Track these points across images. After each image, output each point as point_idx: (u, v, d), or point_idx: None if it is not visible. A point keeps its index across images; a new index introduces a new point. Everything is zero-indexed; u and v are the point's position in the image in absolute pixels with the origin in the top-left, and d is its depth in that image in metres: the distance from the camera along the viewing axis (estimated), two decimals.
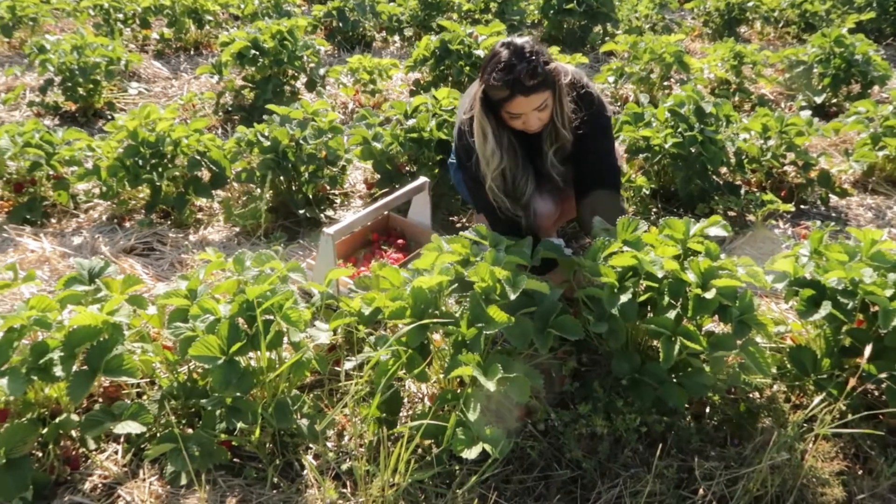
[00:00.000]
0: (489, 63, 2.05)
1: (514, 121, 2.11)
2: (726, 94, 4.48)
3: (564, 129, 2.17)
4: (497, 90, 2.02)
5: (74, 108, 4.34)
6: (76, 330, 1.80)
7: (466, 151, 2.27)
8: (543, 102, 2.06)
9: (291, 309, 1.83)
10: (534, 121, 2.10)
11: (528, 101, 2.03)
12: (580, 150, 2.28)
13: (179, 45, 5.54)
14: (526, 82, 1.98)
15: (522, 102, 2.03)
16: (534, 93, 2.01)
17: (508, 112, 2.08)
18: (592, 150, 2.28)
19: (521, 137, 2.22)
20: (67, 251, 2.81)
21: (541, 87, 2.01)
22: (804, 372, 1.98)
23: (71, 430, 1.90)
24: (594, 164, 2.29)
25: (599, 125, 2.25)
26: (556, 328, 1.81)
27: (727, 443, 1.89)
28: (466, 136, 2.25)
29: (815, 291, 1.96)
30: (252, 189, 3.19)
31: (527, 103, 2.03)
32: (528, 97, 2.02)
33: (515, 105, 2.04)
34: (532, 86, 1.99)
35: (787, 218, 3.23)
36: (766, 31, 6.26)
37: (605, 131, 2.30)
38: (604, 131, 2.29)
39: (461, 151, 2.32)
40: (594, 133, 2.24)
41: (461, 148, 2.31)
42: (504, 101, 2.04)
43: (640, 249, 1.94)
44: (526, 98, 2.02)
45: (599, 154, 2.30)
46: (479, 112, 2.11)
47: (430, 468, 1.73)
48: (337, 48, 5.69)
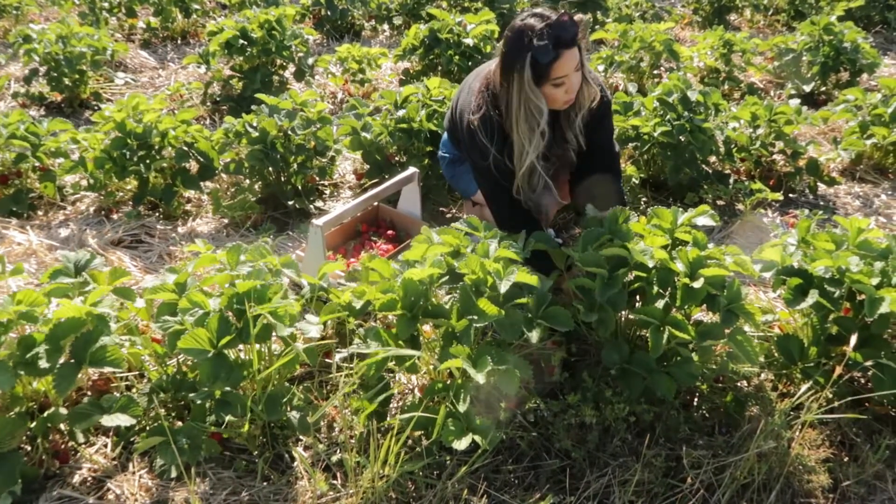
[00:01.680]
0: (523, 37, 2.02)
1: (558, 90, 2.08)
2: (716, 83, 4.48)
3: (592, 85, 2.18)
4: (545, 52, 1.99)
5: (60, 99, 4.29)
6: (61, 323, 1.79)
7: (482, 152, 2.20)
8: (579, 60, 2.06)
9: (280, 305, 1.82)
10: (575, 83, 2.09)
11: (572, 55, 2.02)
12: (588, 130, 2.29)
13: (166, 35, 5.48)
14: (568, 35, 1.99)
15: (568, 58, 2.02)
16: (575, 46, 2.02)
17: (555, 79, 2.05)
18: (601, 128, 2.31)
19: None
20: (54, 244, 2.79)
21: (577, 41, 2.03)
22: (791, 360, 2.00)
23: (60, 423, 1.89)
24: (603, 142, 2.33)
25: (604, 103, 2.27)
26: (547, 319, 1.82)
27: (715, 431, 1.90)
28: (479, 135, 2.19)
29: (803, 280, 1.97)
30: (241, 180, 3.17)
31: (571, 59, 2.03)
32: (571, 50, 2.02)
33: (563, 64, 2.02)
34: (573, 37, 2.00)
35: (775, 206, 3.24)
36: (755, 18, 6.25)
37: (609, 111, 2.34)
38: (608, 110, 2.32)
39: (475, 153, 2.25)
40: (600, 112, 2.26)
41: (474, 149, 2.24)
42: (552, 63, 2.01)
43: (630, 240, 1.95)
44: (570, 52, 2.01)
45: (607, 132, 2.34)
46: (531, 90, 2.06)
47: (421, 459, 1.74)
48: (326, 37, 5.64)
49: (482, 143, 2.19)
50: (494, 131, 2.17)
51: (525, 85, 2.06)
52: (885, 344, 1.95)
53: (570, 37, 2.00)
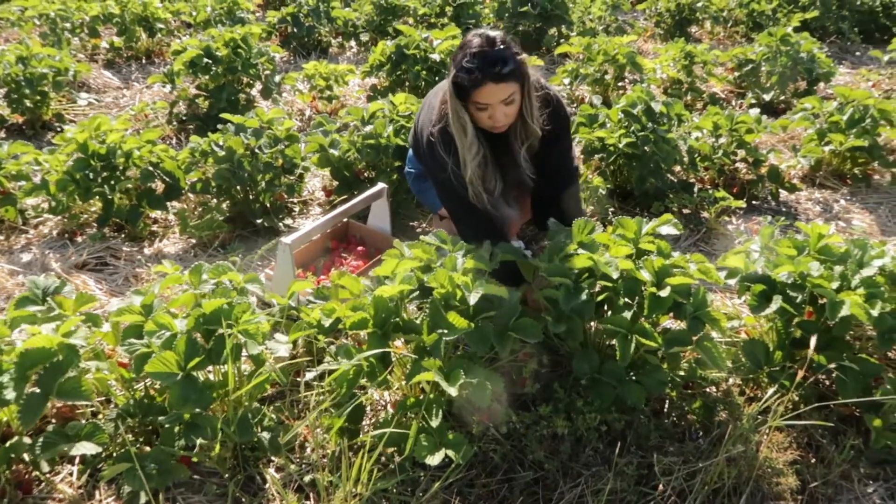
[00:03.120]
0: (460, 51, 2.04)
1: (481, 113, 2.08)
2: (678, 94, 4.57)
3: (534, 124, 2.17)
4: (468, 76, 1.99)
5: (22, 121, 4.21)
6: (29, 352, 1.75)
7: (441, 165, 2.21)
8: (511, 95, 2.03)
9: (248, 322, 1.81)
10: (500, 115, 2.07)
11: (498, 89, 2.00)
12: (544, 150, 2.30)
13: (130, 54, 5.43)
14: (496, 69, 1.97)
15: (492, 90, 2.00)
16: (504, 81, 1.99)
17: (476, 103, 2.05)
18: (556, 149, 2.31)
19: (487, 138, 2.21)
20: (16, 269, 2.73)
21: (510, 78, 2.00)
22: (757, 365, 2.03)
23: (23, 453, 1.85)
24: (559, 163, 2.34)
25: (560, 125, 2.28)
26: (517, 331, 1.82)
27: (685, 437, 1.92)
28: (438, 147, 2.20)
29: (766, 286, 2.01)
30: (208, 199, 3.14)
31: (496, 92, 2.01)
32: (498, 85, 1.99)
33: (485, 93, 2.01)
34: (502, 73, 1.97)
35: (739, 214, 3.30)
36: (715, 30, 6.40)
37: (566, 130, 2.36)
38: (565, 130, 2.34)
39: (434, 166, 2.26)
40: (554, 132, 2.27)
41: (434, 162, 2.24)
42: (473, 88, 2.00)
43: (595, 251, 1.97)
44: (496, 86, 1.99)
45: (563, 152, 2.35)
46: (454, 102, 2.08)
47: (394, 476, 1.73)
48: (293, 54, 5.64)
49: (440, 155, 2.20)
50: (451, 144, 2.18)
51: (450, 97, 2.08)
52: (848, 346, 2.00)
53: (498, 72, 1.98)
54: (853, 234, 3.16)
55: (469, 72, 1.98)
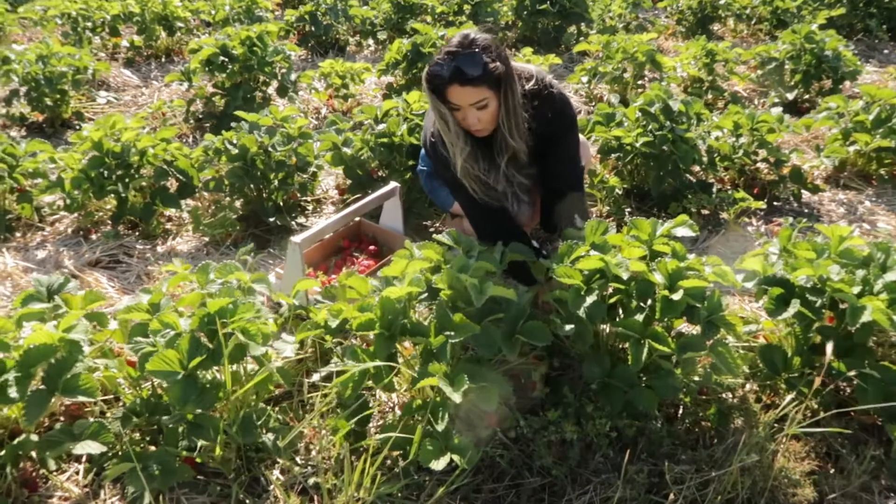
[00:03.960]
0: (443, 47, 2.05)
1: (456, 113, 2.07)
2: (699, 93, 4.49)
3: (513, 138, 2.12)
4: (437, 73, 1.99)
5: (42, 119, 4.26)
6: (32, 349, 1.75)
7: (444, 163, 2.22)
8: (482, 100, 2.01)
9: (251, 323, 1.79)
10: (472, 119, 2.05)
11: (464, 92, 1.98)
12: (544, 152, 2.26)
13: (150, 53, 5.47)
14: (463, 71, 1.95)
15: (459, 92, 1.99)
16: (470, 85, 1.97)
17: (449, 102, 2.04)
18: (554, 152, 2.26)
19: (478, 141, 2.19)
20: (30, 266, 2.75)
21: (479, 82, 1.97)
22: (775, 371, 1.97)
23: (30, 450, 1.85)
24: (556, 167, 2.28)
25: (562, 126, 2.23)
26: (524, 334, 1.79)
27: (699, 445, 1.87)
28: (439, 145, 2.22)
29: (784, 290, 1.95)
30: (221, 198, 3.14)
31: (463, 94, 1.99)
32: (464, 88, 1.97)
33: (452, 94, 2.00)
34: (468, 77, 1.95)
35: (760, 215, 3.23)
36: (739, 28, 6.29)
37: (568, 133, 2.28)
38: (566, 133, 2.26)
39: (438, 164, 2.29)
40: (556, 135, 2.22)
41: (437, 161, 2.27)
42: (441, 86, 2.00)
43: (607, 252, 1.93)
44: (461, 88, 1.98)
45: (560, 156, 2.28)
46: (430, 96, 2.07)
47: (398, 481, 1.70)
48: (310, 52, 5.64)
49: (442, 153, 2.19)
50: None
51: (426, 91, 2.07)
52: (870, 353, 1.93)
53: (464, 75, 1.96)
54: (878, 236, 3.07)
55: (439, 69, 1.99)
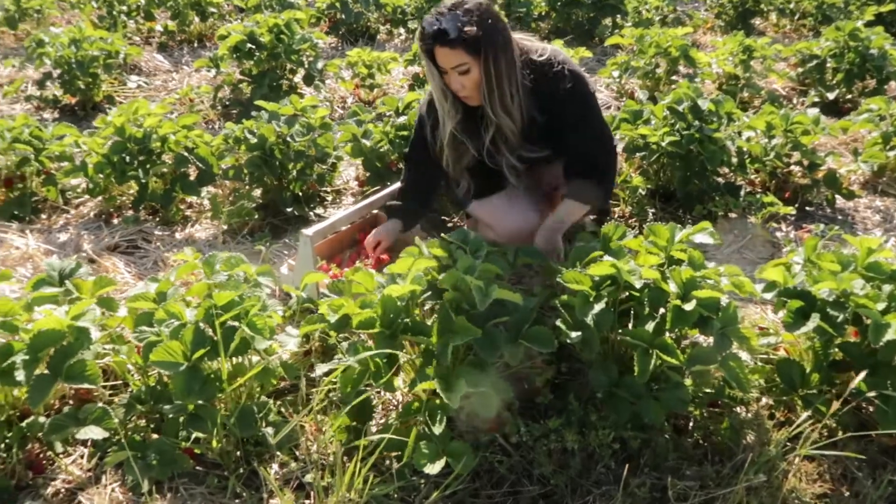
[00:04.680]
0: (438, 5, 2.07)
1: (445, 77, 2.09)
2: (734, 90, 4.35)
3: (495, 112, 2.09)
4: (421, 32, 2.02)
5: (74, 102, 4.33)
6: (40, 333, 1.77)
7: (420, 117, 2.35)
8: (462, 65, 2.01)
9: (257, 316, 1.78)
10: (455, 83, 2.07)
11: (443, 53, 2.00)
12: (559, 132, 2.20)
13: (183, 38, 5.52)
14: (442, 31, 1.96)
15: (441, 54, 2.01)
16: (448, 47, 1.98)
17: (436, 63, 2.06)
18: (572, 131, 2.20)
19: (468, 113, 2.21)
20: (52, 248, 2.79)
21: (458, 45, 1.97)
22: (791, 386, 1.90)
23: (37, 433, 1.88)
24: (576, 147, 2.21)
25: (573, 104, 2.16)
26: (528, 339, 1.74)
27: (706, 460, 1.81)
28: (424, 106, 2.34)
29: (805, 303, 1.87)
30: (241, 186, 3.15)
31: (444, 57, 2.01)
32: (443, 49, 1.99)
33: (437, 55, 2.02)
34: (446, 39, 1.96)
35: (790, 220, 3.12)
36: (781, 23, 6.09)
37: (583, 111, 2.20)
38: (581, 111, 2.19)
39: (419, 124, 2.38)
40: (568, 113, 2.17)
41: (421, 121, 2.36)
42: (425, 47, 2.03)
43: (622, 257, 1.87)
44: (441, 49, 1.99)
45: (579, 137, 2.20)
46: (422, 54, 2.10)
47: (392, 482, 1.68)
48: (341, 41, 5.63)
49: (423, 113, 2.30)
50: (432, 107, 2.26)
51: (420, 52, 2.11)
52: (893, 373, 1.84)
53: (443, 35, 1.97)
54: None
55: (424, 26, 2.01)
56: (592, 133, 2.23)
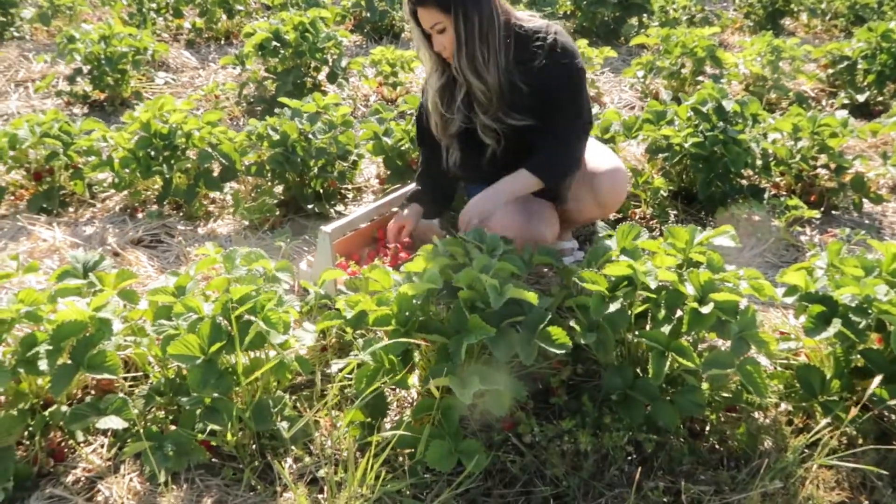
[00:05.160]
0: None
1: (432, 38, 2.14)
2: (761, 91, 4.28)
3: (463, 70, 2.12)
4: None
5: (103, 98, 4.41)
6: (63, 324, 1.81)
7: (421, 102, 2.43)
8: (438, 23, 2.06)
9: (272, 311, 1.80)
10: (437, 44, 2.13)
11: (422, 14, 2.07)
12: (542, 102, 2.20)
13: (210, 35, 5.58)
14: None
15: (421, 15, 2.08)
16: (422, 6, 2.05)
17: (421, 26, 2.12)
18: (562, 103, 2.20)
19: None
20: (77, 241, 2.85)
21: (430, 4, 2.03)
22: (811, 393, 1.87)
23: (59, 421, 1.92)
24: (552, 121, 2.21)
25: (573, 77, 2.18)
26: (543, 340, 1.74)
27: (722, 465, 1.79)
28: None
29: (826, 308, 1.84)
30: (263, 183, 3.18)
31: (423, 17, 2.08)
32: (420, 9, 2.06)
33: (419, 16, 2.09)
34: None
35: (815, 224, 3.06)
36: (812, 23, 5.99)
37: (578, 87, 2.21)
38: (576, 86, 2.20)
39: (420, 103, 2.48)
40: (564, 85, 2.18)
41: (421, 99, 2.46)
42: (410, 8, 2.10)
43: (638, 258, 1.85)
44: (420, 10, 2.07)
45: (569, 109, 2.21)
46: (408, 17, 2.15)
47: (405, 479, 1.68)
48: (366, 39, 5.65)
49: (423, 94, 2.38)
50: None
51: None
52: None
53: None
54: None
55: None
56: (570, 110, 2.22)
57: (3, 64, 4.84)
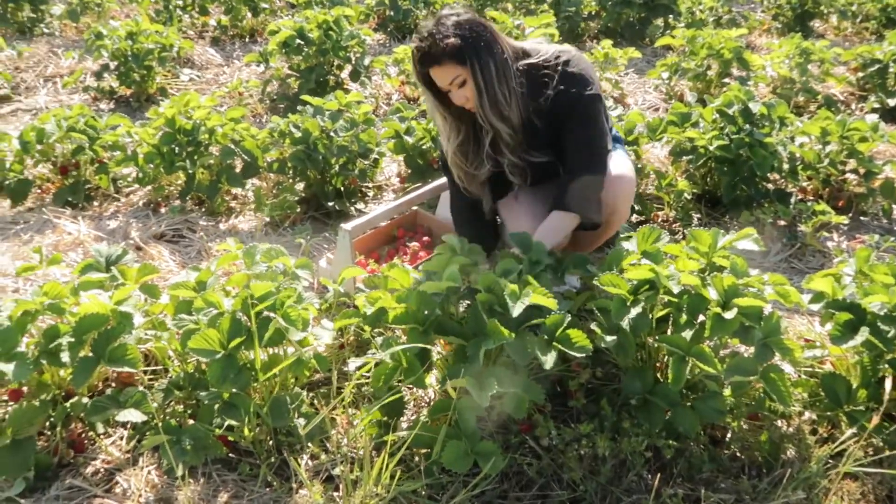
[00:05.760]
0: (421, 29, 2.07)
1: (450, 95, 2.06)
2: (789, 94, 4.21)
3: (488, 116, 2.05)
4: (413, 63, 2.03)
5: (129, 93, 4.46)
6: (86, 317, 1.83)
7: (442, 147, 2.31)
8: (457, 77, 1.99)
9: (291, 308, 1.80)
10: (458, 99, 2.05)
11: (437, 73, 1.99)
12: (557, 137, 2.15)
13: (235, 33, 5.62)
14: (428, 54, 1.97)
15: (435, 74, 2.00)
16: (436, 65, 1.97)
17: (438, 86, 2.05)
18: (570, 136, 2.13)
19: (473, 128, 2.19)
20: (101, 235, 2.88)
21: (445, 60, 1.96)
22: (836, 402, 1.83)
23: (80, 413, 1.94)
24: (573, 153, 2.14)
25: (578, 108, 2.09)
26: (562, 343, 1.72)
27: (743, 474, 1.76)
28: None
29: (854, 316, 1.80)
30: (285, 179, 3.20)
31: (439, 76, 2.00)
32: (434, 69, 1.99)
33: (434, 77, 2.02)
34: (435, 58, 1.96)
35: (842, 230, 3.01)
36: (842, 26, 5.88)
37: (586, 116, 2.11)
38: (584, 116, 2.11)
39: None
40: (571, 117, 2.10)
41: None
42: (421, 73, 2.03)
43: (660, 262, 1.83)
44: (434, 70, 1.99)
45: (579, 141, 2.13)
46: (417, 78, 2.08)
47: (420, 479, 1.67)
48: (389, 37, 5.66)
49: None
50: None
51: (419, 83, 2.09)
52: None
53: (432, 56, 1.96)
54: None
55: (415, 50, 2.01)
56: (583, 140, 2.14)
57: (32, 59, 4.92)
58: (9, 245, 2.81)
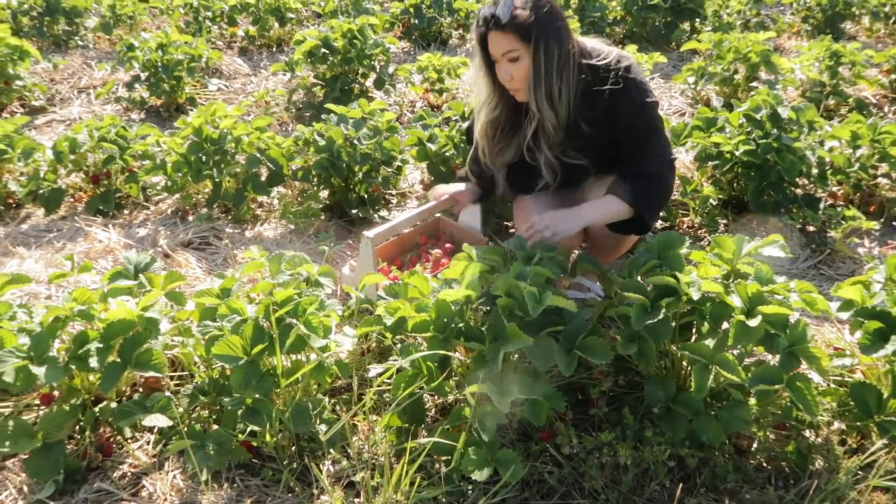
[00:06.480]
0: None
1: (497, 69, 2.08)
2: (819, 98, 4.14)
3: (539, 103, 2.04)
4: (478, 17, 2.04)
5: (159, 104, 4.55)
6: (114, 323, 1.87)
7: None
8: (513, 51, 1.99)
9: (313, 314, 1.82)
10: (505, 73, 2.05)
11: (496, 39, 2.00)
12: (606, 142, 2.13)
13: (262, 43, 5.70)
14: (495, 15, 1.97)
15: (492, 40, 2.01)
16: (500, 30, 1.97)
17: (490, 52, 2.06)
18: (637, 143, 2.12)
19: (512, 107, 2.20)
20: (131, 242, 2.94)
21: (510, 30, 1.96)
22: (866, 412, 1.78)
23: (107, 417, 1.98)
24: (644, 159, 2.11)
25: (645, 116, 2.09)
26: (583, 350, 1.71)
27: (769, 485, 1.72)
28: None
29: (884, 324, 1.76)
30: (309, 187, 3.23)
31: (495, 42, 2.00)
32: (495, 34, 1.99)
33: (490, 42, 2.03)
34: (498, 22, 1.97)
35: (874, 236, 2.94)
36: (875, 27, 5.76)
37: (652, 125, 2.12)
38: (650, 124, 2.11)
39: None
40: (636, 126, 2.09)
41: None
42: (482, 34, 2.04)
43: (682, 268, 1.81)
44: (494, 35, 1.99)
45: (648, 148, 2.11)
46: (475, 47, 2.10)
47: (440, 486, 1.68)
48: (414, 45, 5.69)
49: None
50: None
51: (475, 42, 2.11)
52: None
53: (494, 21, 1.98)
54: None
55: (482, 13, 2.02)
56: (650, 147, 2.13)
57: (67, 71, 5.05)
58: (42, 252, 2.88)
